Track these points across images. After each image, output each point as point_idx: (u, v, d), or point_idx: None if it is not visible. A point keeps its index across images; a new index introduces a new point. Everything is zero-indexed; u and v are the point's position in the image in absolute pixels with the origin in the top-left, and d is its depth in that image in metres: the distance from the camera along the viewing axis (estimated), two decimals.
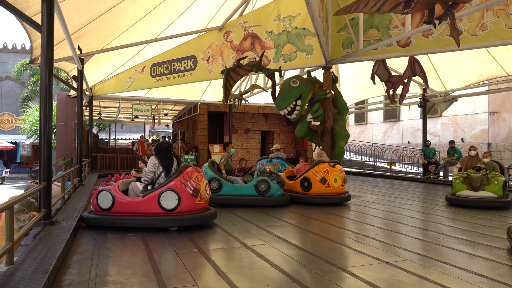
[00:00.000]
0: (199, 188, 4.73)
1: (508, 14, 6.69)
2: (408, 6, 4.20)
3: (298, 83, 7.90)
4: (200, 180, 4.81)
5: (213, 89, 15.09)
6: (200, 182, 4.78)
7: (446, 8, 4.36)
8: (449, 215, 6.02)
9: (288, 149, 18.30)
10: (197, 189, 4.69)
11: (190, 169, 4.78)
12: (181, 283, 2.80)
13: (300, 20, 8.98)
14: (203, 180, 4.88)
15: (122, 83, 12.69)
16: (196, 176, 4.78)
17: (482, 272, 3.12)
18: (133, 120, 20.67)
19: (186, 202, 4.61)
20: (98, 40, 8.85)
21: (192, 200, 4.66)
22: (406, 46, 7.95)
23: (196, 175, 4.78)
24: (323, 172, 6.94)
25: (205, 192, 4.85)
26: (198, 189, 4.71)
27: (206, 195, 4.86)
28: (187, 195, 4.61)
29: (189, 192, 4.62)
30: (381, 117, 23.70)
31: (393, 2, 4.30)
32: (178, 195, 4.57)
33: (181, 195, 4.58)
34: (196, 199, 4.69)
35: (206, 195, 4.86)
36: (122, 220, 4.61)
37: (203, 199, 4.80)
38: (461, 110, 18.67)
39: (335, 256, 3.58)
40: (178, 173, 4.68)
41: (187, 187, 4.61)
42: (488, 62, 10.86)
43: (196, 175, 4.78)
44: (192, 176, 4.71)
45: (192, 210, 4.71)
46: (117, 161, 15.05)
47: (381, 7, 4.41)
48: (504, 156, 17.84)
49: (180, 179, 4.63)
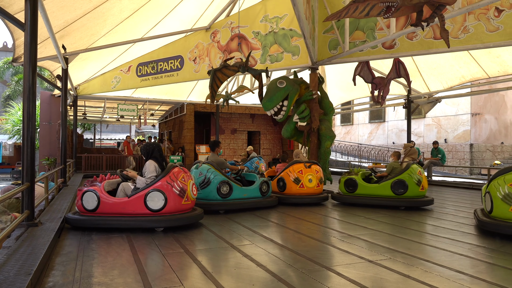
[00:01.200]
0: (185, 188, 4.72)
1: (489, 18, 6.85)
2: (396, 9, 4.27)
3: (285, 84, 7.95)
4: (187, 181, 4.80)
5: (200, 89, 15.05)
6: (187, 183, 4.78)
7: (433, 10, 4.45)
8: (433, 214, 6.14)
9: (274, 149, 18.36)
10: (183, 190, 4.68)
11: (177, 170, 4.77)
12: (167, 283, 2.80)
13: (287, 21, 9.03)
14: (189, 180, 4.87)
15: (107, 82, 12.55)
16: (183, 176, 4.77)
17: (463, 270, 3.20)
18: (118, 120, 20.48)
19: (173, 202, 4.59)
20: (83, 39, 8.74)
21: (179, 200, 4.65)
22: (391, 48, 8.06)
23: (183, 176, 4.77)
24: (297, 173, 7.01)
25: (192, 193, 4.84)
26: (184, 190, 4.70)
27: (192, 196, 4.86)
28: (173, 195, 4.59)
29: (176, 193, 4.61)
30: (366, 118, 23.97)
31: (380, 7, 4.37)
32: (164, 196, 4.54)
33: (167, 196, 4.56)
34: (182, 200, 4.68)
35: (192, 195, 4.86)
36: (107, 221, 4.56)
37: (189, 200, 4.79)
38: (445, 111, 19.03)
39: (321, 255, 3.62)
40: (165, 174, 4.66)
41: (174, 188, 4.60)
42: (470, 64, 11.09)
43: (182, 176, 4.77)
44: (178, 177, 4.69)
45: (178, 211, 4.70)
46: (102, 161, 14.88)
47: (370, 11, 4.48)
48: (485, 157, 18.25)
49: (167, 180, 4.61)
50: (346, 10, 4.63)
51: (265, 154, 18.09)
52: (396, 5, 4.12)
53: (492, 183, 4.68)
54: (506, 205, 4.44)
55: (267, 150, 18.21)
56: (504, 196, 4.44)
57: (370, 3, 4.30)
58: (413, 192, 6.58)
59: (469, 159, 17.90)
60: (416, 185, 6.58)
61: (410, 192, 6.58)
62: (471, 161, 17.87)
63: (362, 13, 4.49)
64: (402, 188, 6.61)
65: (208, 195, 6.04)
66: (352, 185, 7.05)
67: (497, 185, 4.57)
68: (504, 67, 10.60)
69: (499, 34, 6.79)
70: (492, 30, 6.84)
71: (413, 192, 6.58)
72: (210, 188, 6.02)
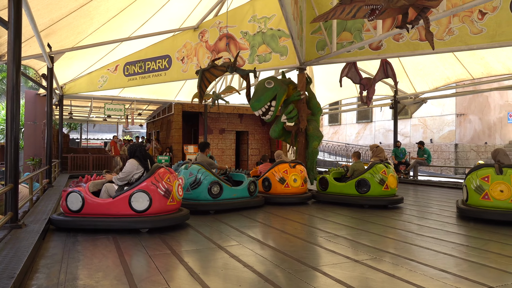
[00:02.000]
0: (171, 189, 4.69)
1: (473, 21, 6.98)
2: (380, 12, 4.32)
3: (273, 84, 7.97)
4: (173, 181, 4.77)
5: (188, 89, 14.99)
6: (172, 183, 4.75)
7: (418, 13, 4.51)
8: (418, 214, 6.22)
9: (263, 149, 18.39)
10: (168, 190, 4.65)
11: (162, 170, 4.74)
12: (153, 285, 2.79)
13: (275, 22, 9.05)
14: (175, 181, 4.84)
15: (94, 82, 12.41)
16: (169, 177, 4.74)
17: (446, 268, 3.25)
18: (105, 119, 20.29)
19: (158, 203, 4.56)
20: (69, 37, 8.63)
21: (164, 201, 4.62)
22: (377, 49, 8.15)
23: (168, 176, 4.74)
24: (282, 173, 7.09)
25: (177, 193, 4.82)
26: (170, 190, 4.67)
27: (178, 196, 4.83)
28: (158, 196, 4.56)
29: (161, 193, 4.58)
30: (354, 118, 24.18)
31: (367, 9, 4.42)
32: (149, 196, 4.51)
33: (152, 196, 4.52)
34: (167, 200, 4.65)
35: (178, 196, 4.83)
36: (92, 222, 4.52)
37: (175, 200, 4.77)
38: (430, 111, 19.30)
39: (307, 256, 3.64)
40: (149, 174, 4.63)
41: (159, 188, 4.57)
42: (455, 66, 11.27)
43: (168, 176, 4.73)
44: (164, 177, 4.66)
45: (163, 211, 4.67)
46: (88, 161, 14.71)
47: (356, 13, 4.53)
48: (469, 157, 18.57)
49: (152, 180, 4.57)
50: (333, 12, 4.67)
51: (253, 154, 18.10)
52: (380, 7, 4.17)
53: (468, 178, 5.66)
54: (477, 195, 5.45)
55: (255, 150, 18.22)
56: (476, 187, 5.46)
57: (356, 5, 4.35)
58: (375, 191, 6.74)
59: (454, 159, 18.19)
60: (378, 184, 6.71)
61: (372, 191, 6.74)
62: (456, 161, 18.16)
63: (348, 15, 4.53)
64: (365, 187, 6.79)
65: (198, 195, 6.03)
66: (325, 184, 7.35)
67: (471, 179, 5.56)
68: (488, 69, 10.81)
69: (483, 36, 6.92)
70: (476, 33, 6.97)
71: (375, 191, 6.74)
72: (201, 188, 6.01)
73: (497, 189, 5.28)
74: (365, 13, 4.47)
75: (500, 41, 6.81)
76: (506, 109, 20.34)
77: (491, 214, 5.30)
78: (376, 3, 4.21)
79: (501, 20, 6.74)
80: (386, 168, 6.86)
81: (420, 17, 4.49)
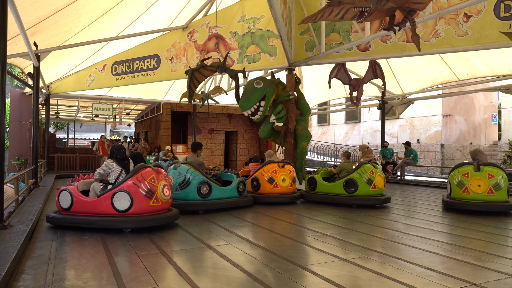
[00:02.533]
0: (154, 189, 4.62)
1: (458, 23, 7.10)
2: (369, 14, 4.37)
3: (262, 84, 7.99)
4: (157, 181, 4.70)
5: (177, 89, 14.93)
6: (157, 184, 4.68)
7: (405, 15, 4.58)
8: (405, 213, 6.31)
9: (252, 149, 18.40)
10: (151, 191, 4.59)
11: (146, 170, 4.68)
12: (142, 285, 2.78)
13: (264, 22, 9.08)
14: (161, 181, 4.76)
15: (81, 81, 12.28)
16: (153, 177, 4.67)
17: (432, 266, 3.31)
18: (93, 119, 20.06)
19: (139, 203, 4.53)
20: (56, 36, 8.53)
21: (146, 201, 4.57)
22: (365, 50, 8.24)
23: (153, 176, 4.68)
24: (271, 172, 7.13)
25: (163, 194, 4.73)
26: (153, 191, 4.61)
27: (163, 197, 4.74)
28: (140, 196, 4.53)
29: (142, 194, 4.54)
30: (342, 119, 24.36)
31: (355, 11, 4.48)
32: (130, 196, 4.50)
33: (133, 196, 4.50)
34: (150, 201, 4.60)
35: (163, 196, 4.74)
36: (79, 220, 4.55)
37: (159, 201, 4.68)
38: (417, 112, 19.56)
39: (296, 255, 3.67)
40: (132, 174, 4.61)
41: (140, 188, 4.54)
42: (441, 67, 11.45)
43: (152, 176, 4.67)
44: (147, 177, 4.61)
45: (146, 212, 4.62)
46: (76, 161, 14.54)
47: (344, 15, 4.58)
48: (455, 157, 18.86)
49: (133, 180, 4.56)
50: (322, 13, 4.71)
51: (242, 154, 18.11)
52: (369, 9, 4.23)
53: (451, 174, 6.48)
54: (459, 189, 6.30)
55: (245, 150, 18.23)
56: (458, 182, 6.30)
57: (345, 7, 4.40)
58: (363, 190, 6.82)
59: (440, 159, 18.46)
60: (366, 184, 6.80)
61: (360, 191, 6.83)
62: (442, 161, 18.44)
63: (337, 16, 4.58)
64: (353, 187, 6.87)
65: (188, 195, 6.02)
66: (313, 184, 7.43)
67: (454, 175, 6.39)
68: (473, 71, 11.00)
69: (468, 38, 7.05)
70: (461, 35, 7.10)
71: (363, 190, 6.82)
72: (190, 188, 6.00)
73: (475, 184, 6.17)
74: (353, 15, 4.52)
75: (484, 43, 6.95)
76: (491, 110, 20.73)
77: (471, 206, 6.15)
78: (365, 5, 4.27)
79: (485, 23, 6.88)
80: (374, 168, 6.93)
81: (407, 19, 4.56)
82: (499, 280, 2.98)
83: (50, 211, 4.98)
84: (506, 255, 3.74)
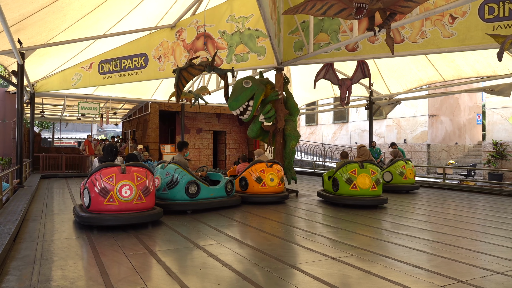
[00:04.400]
0: (110, 188, 4.52)
1: (444, 24, 7.20)
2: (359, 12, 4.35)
3: (251, 84, 7.98)
4: (117, 181, 4.56)
5: (165, 88, 14.82)
6: (115, 183, 4.54)
7: (385, 18, 4.61)
8: (393, 212, 6.37)
9: (240, 149, 18.39)
10: (106, 189, 4.51)
11: (108, 170, 4.58)
12: (130, 285, 2.75)
13: (253, 21, 9.07)
14: (122, 181, 4.59)
15: (67, 79, 12.09)
16: (113, 176, 4.56)
17: (420, 264, 3.35)
18: (79, 118, 19.80)
19: (95, 201, 4.56)
20: (41, 33, 8.38)
21: (100, 199, 4.53)
22: (353, 51, 8.29)
23: (113, 175, 4.56)
24: (259, 172, 7.13)
25: (119, 194, 4.56)
26: (108, 190, 4.51)
27: (120, 197, 4.57)
28: (95, 194, 4.54)
29: (96, 191, 4.53)
30: (330, 119, 24.49)
31: (339, 7, 4.47)
32: (89, 194, 4.57)
33: (91, 194, 4.56)
34: (104, 200, 4.52)
35: (120, 196, 4.57)
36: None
37: (115, 200, 4.54)
38: (404, 112, 19.78)
39: (285, 254, 3.68)
40: (94, 171, 4.63)
41: (95, 186, 4.53)
42: (428, 68, 11.59)
43: (112, 175, 4.55)
44: (105, 176, 4.54)
45: (102, 210, 4.56)
46: (61, 161, 14.30)
47: (327, 11, 4.56)
48: (441, 156, 19.14)
49: (92, 178, 4.58)
50: (304, 6, 4.68)
51: (231, 153, 18.08)
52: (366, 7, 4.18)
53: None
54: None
55: (233, 149, 18.20)
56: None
57: (329, 2, 4.38)
58: (343, 190, 6.89)
59: (427, 159, 18.71)
60: (345, 183, 6.84)
61: (341, 190, 6.91)
62: (428, 160, 18.69)
63: (319, 11, 4.56)
64: (336, 186, 6.99)
65: (175, 195, 5.96)
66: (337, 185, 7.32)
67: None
68: (458, 71, 11.17)
69: (453, 39, 7.15)
70: (447, 36, 7.20)
71: (343, 190, 6.89)
72: (178, 188, 5.95)
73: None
74: (336, 11, 4.49)
75: (469, 44, 7.06)
76: (475, 111, 21.09)
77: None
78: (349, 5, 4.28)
79: (470, 24, 6.99)
80: (358, 168, 6.97)
81: (387, 22, 4.58)
82: (485, 277, 3.03)
83: None
84: (491, 252, 3.81)
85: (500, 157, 15.90)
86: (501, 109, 16.25)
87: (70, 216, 5.47)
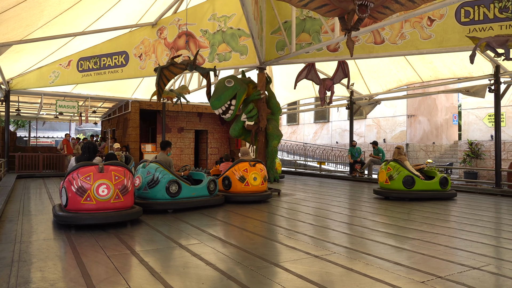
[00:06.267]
0: (87, 187, 4.50)
1: (423, 27, 7.37)
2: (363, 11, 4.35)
3: (233, 83, 7.98)
4: (94, 180, 4.54)
5: (146, 87, 14.64)
6: (92, 182, 4.52)
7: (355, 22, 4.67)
8: (373, 210, 6.48)
9: (222, 148, 18.34)
10: (83, 188, 4.48)
11: (85, 169, 4.55)
12: (112, 286, 2.71)
13: (235, 21, 9.06)
14: (98, 180, 4.57)
15: (45, 77, 11.81)
16: (90, 175, 4.53)
17: (400, 261, 3.42)
18: (57, 117, 19.36)
19: (72, 201, 4.53)
20: (16, 29, 8.15)
21: (77, 199, 4.50)
22: (335, 51, 8.40)
23: (91, 174, 4.53)
24: (242, 171, 7.15)
25: (96, 193, 4.54)
26: (85, 189, 4.49)
27: (98, 196, 4.54)
28: (72, 193, 4.51)
29: (73, 190, 4.50)
30: (312, 118, 24.70)
31: (320, 2, 4.49)
32: (66, 193, 4.55)
33: (68, 193, 4.53)
34: (81, 199, 4.49)
35: (97, 195, 4.54)
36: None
37: (93, 199, 4.52)
38: (384, 112, 20.13)
39: (269, 252, 3.70)
40: (71, 170, 4.58)
41: (72, 185, 4.50)
42: (407, 69, 11.84)
43: (89, 175, 4.52)
44: (82, 174, 4.50)
45: (79, 210, 4.54)
46: (38, 161, 13.94)
47: (309, 3, 4.57)
48: (419, 156, 19.56)
49: (69, 177, 4.54)
50: None
51: (212, 153, 18.01)
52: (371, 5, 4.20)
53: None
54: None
55: (215, 149, 18.14)
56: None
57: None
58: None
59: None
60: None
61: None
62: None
63: (300, 2, 4.58)
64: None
65: (156, 194, 5.90)
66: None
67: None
68: (436, 73, 11.45)
69: (431, 41, 7.33)
70: (425, 38, 7.37)
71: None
72: (159, 187, 5.89)
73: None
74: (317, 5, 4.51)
75: (446, 46, 7.26)
76: (451, 111, 21.65)
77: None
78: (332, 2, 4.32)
79: (447, 27, 7.18)
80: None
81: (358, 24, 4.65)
82: (462, 273, 3.13)
83: None
84: (467, 248, 3.93)
85: (475, 156, 16.38)
86: (476, 110, 16.73)
87: (48, 217, 5.36)
